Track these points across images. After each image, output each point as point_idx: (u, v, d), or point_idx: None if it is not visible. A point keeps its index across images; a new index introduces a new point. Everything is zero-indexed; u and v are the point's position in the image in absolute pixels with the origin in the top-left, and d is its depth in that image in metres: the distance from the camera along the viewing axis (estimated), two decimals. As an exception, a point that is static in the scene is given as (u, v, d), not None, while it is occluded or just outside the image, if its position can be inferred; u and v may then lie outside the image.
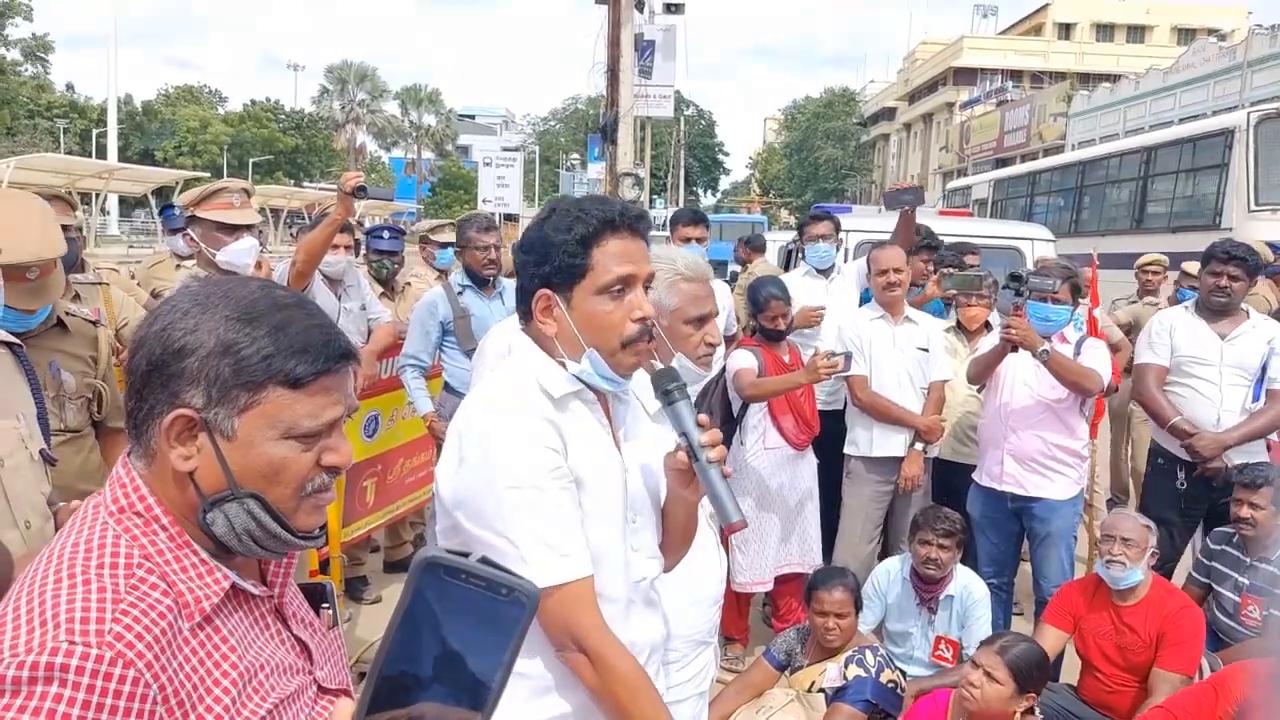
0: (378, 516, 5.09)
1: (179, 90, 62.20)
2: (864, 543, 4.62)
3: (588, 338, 1.67)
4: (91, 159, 36.27)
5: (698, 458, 1.60)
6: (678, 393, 1.65)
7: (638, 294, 1.68)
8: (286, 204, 35.03)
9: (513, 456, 1.61)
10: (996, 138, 42.02)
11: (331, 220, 3.91)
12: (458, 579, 0.80)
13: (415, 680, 0.80)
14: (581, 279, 1.66)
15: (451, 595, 0.80)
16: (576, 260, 1.65)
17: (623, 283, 1.66)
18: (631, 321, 1.67)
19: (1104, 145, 20.67)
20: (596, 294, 1.66)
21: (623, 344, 1.67)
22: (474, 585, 0.80)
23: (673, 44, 15.79)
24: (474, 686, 0.80)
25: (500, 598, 0.80)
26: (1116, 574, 3.55)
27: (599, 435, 1.74)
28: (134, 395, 1.11)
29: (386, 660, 0.80)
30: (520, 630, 0.81)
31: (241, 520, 1.10)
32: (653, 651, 1.82)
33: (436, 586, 0.80)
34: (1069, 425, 4.13)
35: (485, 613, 0.80)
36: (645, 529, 1.81)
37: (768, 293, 4.40)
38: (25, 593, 1.02)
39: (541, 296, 1.69)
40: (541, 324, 1.70)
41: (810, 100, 73.84)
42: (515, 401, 1.67)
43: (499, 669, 0.81)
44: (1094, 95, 33.26)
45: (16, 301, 2.31)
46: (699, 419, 1.63)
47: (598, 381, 1.71)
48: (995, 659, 3.10)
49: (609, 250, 1.66)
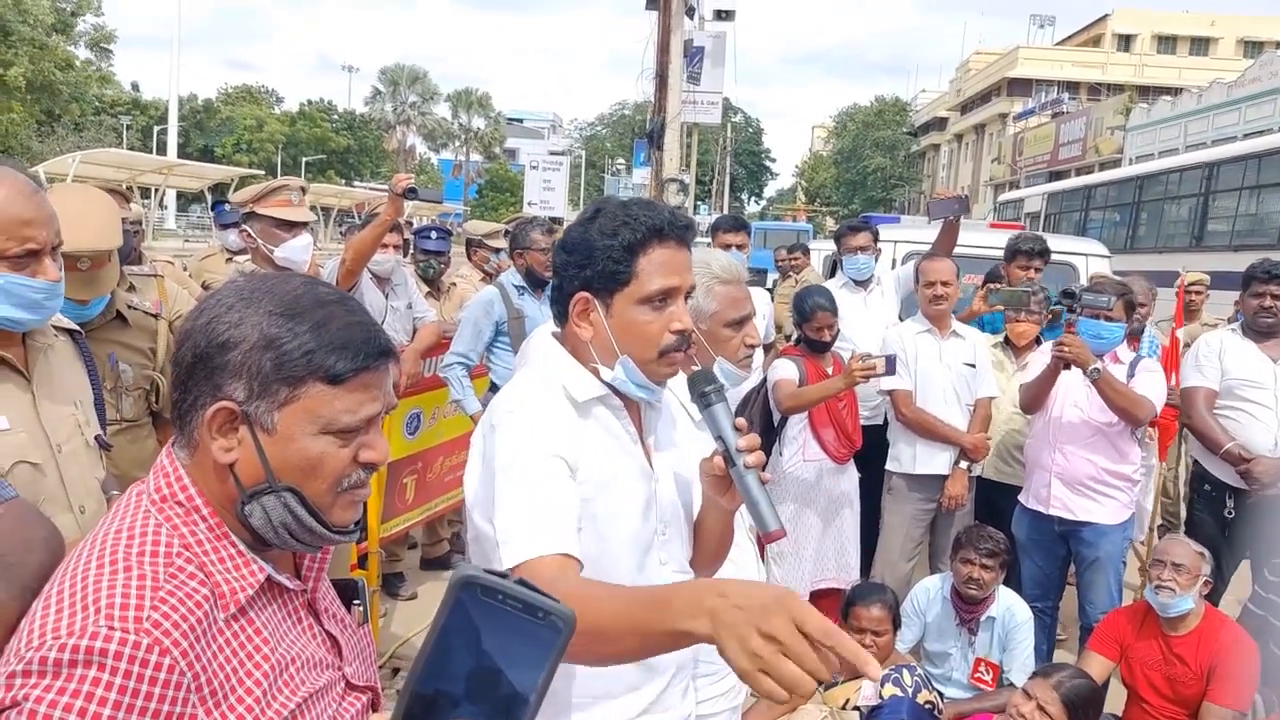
0: (416, 513, 5.12)
1: (238, 90, 63.48)
2: (903, 560, 4.55)
3: (624, 346, 1.64)
4: (152, 155, 37.06)
5: (734, 463, 1.55)
6: (715, 395, 1.60)
7: (679, 305, 1.64)
8: (337, 203, 35.49)
9: (510, 444, 1.59)
10: (1051, 150, 41.40)
11: (381, 220, 3.95)
12: (494, 599, 0.79)
13: (449, 698, 0.80)
14: (624, 287, 1.62)
15: (488, 615, 0.79)
16: (621, 267, 1.62)
17: (666, 295, 1.63)
18: (670, 332, 1.63)
19: (1163, 160, 20.24)
20: (638, 303, 1.62)
21: (659, 354, 1.64)
22: (510, 606, 0.79)
23: (722, 50, 15.77)
24: (509, 708, 0.79)
25: (536, 620, 0.80)
26: (1166, 600, 3.45)
27: (624, 443, 1.70)
28: (179, 386, 1.13)
29: (421, 677, 0.80)
30: (556, 654, 0.80)
31: (278, 513, 1.11)
32: (679, 670, 1.77)
33: (473, 605, 0.80)
34: (1120, 449, 4.03)
35: (521, 634, 0.79)
36: (675, 540, 1.77)
37: (814, 303, 4.33)
38: (69, 577, 1.04)
39: (580, 299, 1.66)
40: (577, 327, 1.68)
41: (860, 108, 73.41)
42: (529, 400, 1.64)
43: (534, 692, 0.80)
44: (1154, 108, 32.62)
45: (69, 291, 2.34)
46: (737, 423, 1.59)
47: (630, 389, 1.67)
48: (1051, 693, 3.02)
49: (654, 259, 1.62)
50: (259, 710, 1.06)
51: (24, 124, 29.49)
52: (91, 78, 34.05)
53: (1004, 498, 4.52)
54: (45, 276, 1.84)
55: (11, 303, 1.82)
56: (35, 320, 1.90)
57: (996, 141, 52.05)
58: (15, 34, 27.15)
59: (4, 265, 1.80)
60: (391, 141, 65.58)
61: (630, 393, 1.68)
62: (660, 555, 1.73)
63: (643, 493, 1.70)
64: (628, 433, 1.71)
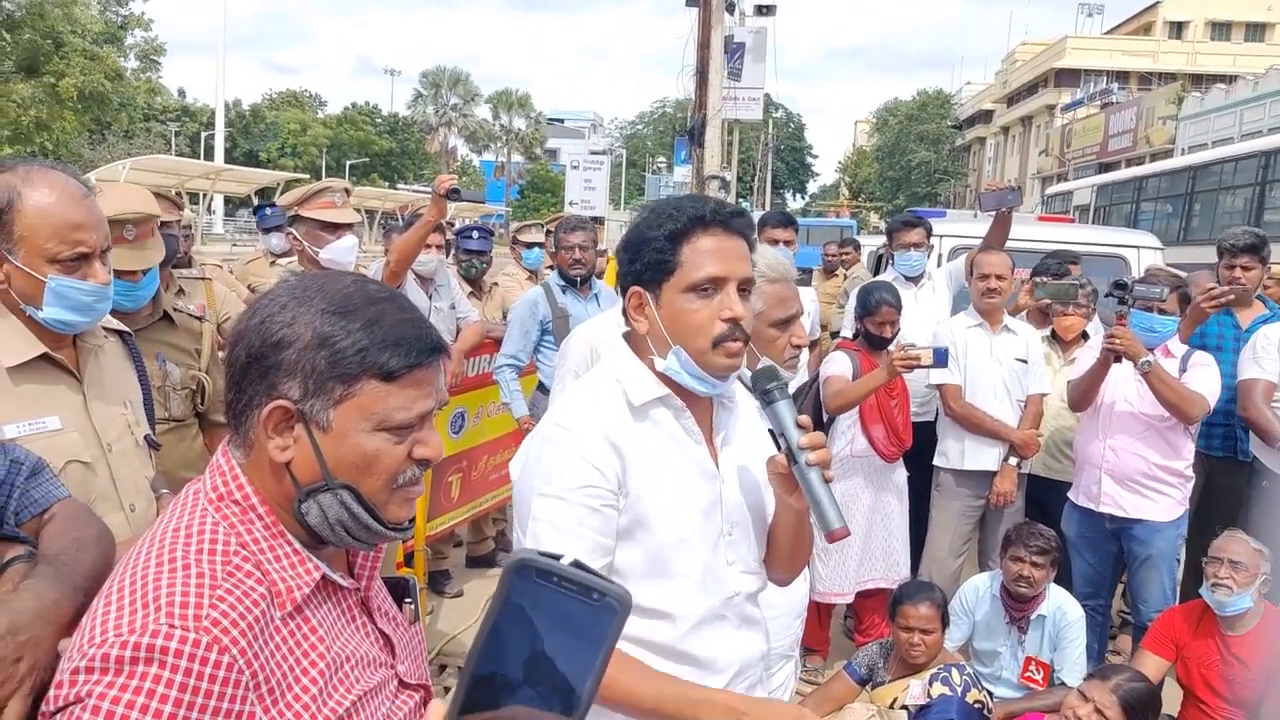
0: (462, 512, 5.16)
1: (282, 95, 64.41)
2: (951, 558, 4.49)
3: (675, 336, 1.64)
4: (200, 160, 37.76)
5: (796, 460, 1.55)
6: (777, 392, 1.60)
7: (729, 294, 1.63)
8: (380, 205, 35.91)
9: (551, 465, 1.63)
10: (1100, 141, 40.65)
11: (425, 221, 3.97)
12: (550, 581, 0.80)
13: (506, 682, 0.80)
14: (670, 276, 1.64)
15: (543, 597, 0.80)
16: (665, 257, 1.63)
17: (712, 283, 1.62)
18: (720, 321, 1.62)
19: (1217, 149, 19.79)
20: (684, 292, 1.63)
21: (713, 344, 1.62)
22: (566, 588, 0.79)
23: (763, 46, 15.67)
24: (566, 690, 0.80)
25: (592, 602, 0.80)
26: (1222, 599, 3.38)
27: (684, 445, 1.69)
28: (233, 387, 1.14)
29: (479, 661, 0.80)
30: (612, 635, 0.80)
31: (335, 511, 1.12)
32: (744, 668, 1.76)
33: (528, 588, 0.80)
34: (1172, 443, 3.94)
35: (577, 616, 0.80)
36: (742, 541, 1.76)
37: (879, 297, 4.28)
38: (128, 575, 1.06)
39: (633, 294, 1.69)
40: (635, 322, 1.70)
41: (903, 102, 72.64)
42: (580, 415, 1.66)
43: (591, 674, 0.80)
44: (1207, 97, 31.92)
45: (120, 263, 2.38)
46: (800, 420, 1.58)
47: (687, 381, 1.66)
48: (1109, 696, 2.97)
49: (699, 247, 1.63)
50: (315, 708, 1.07)
51: (76, 132, 30.17)
52: (140, 88, 34.78)
53: (1053, 494, 4.45)
54: (95, 279, 1.88)
55: (63, 305, 1.85)
56: (86, 322, 1.93)
57: (1044, 134, 51.22)
58: (67, 44, 27.78)
59: (55, 268, 1.83)
60: (434, 144, 66.13)
61: (687, 384, 1.67)
62: (727, 555, 1.72)
63: (705, 494, 1.69)
64: (689, 434, 1.70)
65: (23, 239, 1.80)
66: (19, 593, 1.23)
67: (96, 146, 38.26)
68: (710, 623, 1.70)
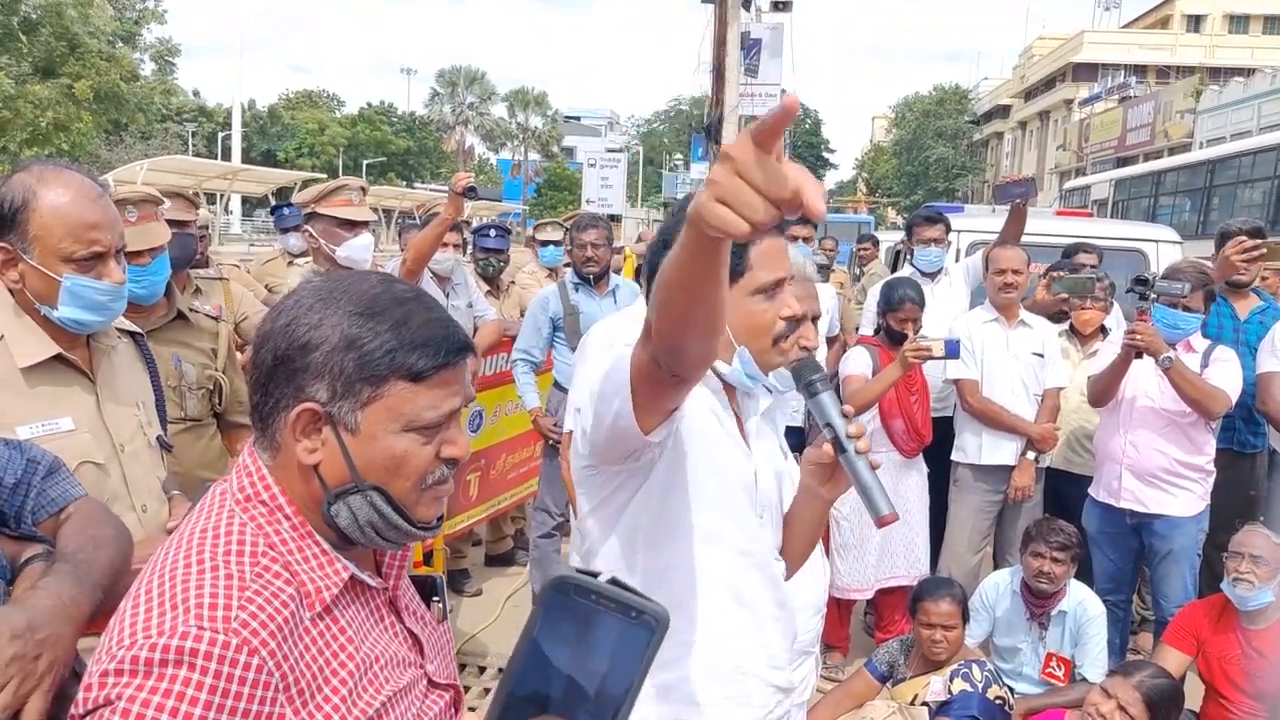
0: (480, 510, 5.18)
1: (299, 95, 64.63)
2: (970, 553, 4.48)
3: (741, 337, 1.67)
4: (217, 161, 37.94)
5: (845, 449, 1.55)
6: (820, 384, 1.61)
7: (787, 292, 1.67)
8: (398, 204, 35.97)
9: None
10: (1118, 136, 40.38)
11: (442, 220, 3.98)
12: (588, 598, 0.80)
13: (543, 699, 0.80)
14: (739, 279, 1.64)
15: (581, 615, 0.80)
16: (736, 260, 1.62)
17: (776, 285, 1.66)
18: (781, 319, 1.66)
19: (1236, 143, 19.61)
20: (753, 294, 1.65)
21: (773, 342, 1.67)
22: (604, 605, 0.80)
23: (780, 42, 15.61)
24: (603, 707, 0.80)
25: (630, 620, 0.79)
26: (1244, 593, 3.36)
27: (727, 425, 1.72)
28: (259, 389, 1.14)
29: (516, 679, 0.81)
30: (650, 652, 0.80)
31: (365, 512, 1.11)
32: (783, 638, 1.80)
33: (567, 606, 0.80)
34: (1193, 439, 3.91)
35: (614, 633, 0.80)
36: (769, 526, 1.79)
37: (903, 293, 4.28)
38: (156, 576, 1.06)
39: None
40: None
41: (920, 98, 72.25)
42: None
43: (627, 691, 0.80)
44: (1225, 90, 31.63)
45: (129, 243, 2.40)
46: (844, 409, 1.59)
47: (744, 381, 1.70)
48: (1132, 693, 2.96)
49: (765, 250, 1.65)
50: (345, 709, 1.07)
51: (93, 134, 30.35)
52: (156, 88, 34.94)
53: (1072, 488, 4.43)
54: (110, 279, 1.89)
55: (78, 304, 1.86)
56: (100, 322, 1.94)
57: (1062, 128, 50.91)
58: (83, 46, 27.95)
59: (70, 267, 1.84)
60: (450, 142, 66.21)
61: (743, 384, 1.70)
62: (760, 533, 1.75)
63: (744, 471, 1.73)
64: (730, 415, 1.73)
65: (38, 238, 1.82)
66: (37, 590, 1.24)
67: (114, 147, 38.48)
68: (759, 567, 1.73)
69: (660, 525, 1.67)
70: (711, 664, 1.69)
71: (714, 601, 1.70)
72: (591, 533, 1.73)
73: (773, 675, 1.76)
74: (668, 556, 1.67)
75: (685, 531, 1.67)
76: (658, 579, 1.64)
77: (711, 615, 1.69)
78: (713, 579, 1.69)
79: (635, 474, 1.65)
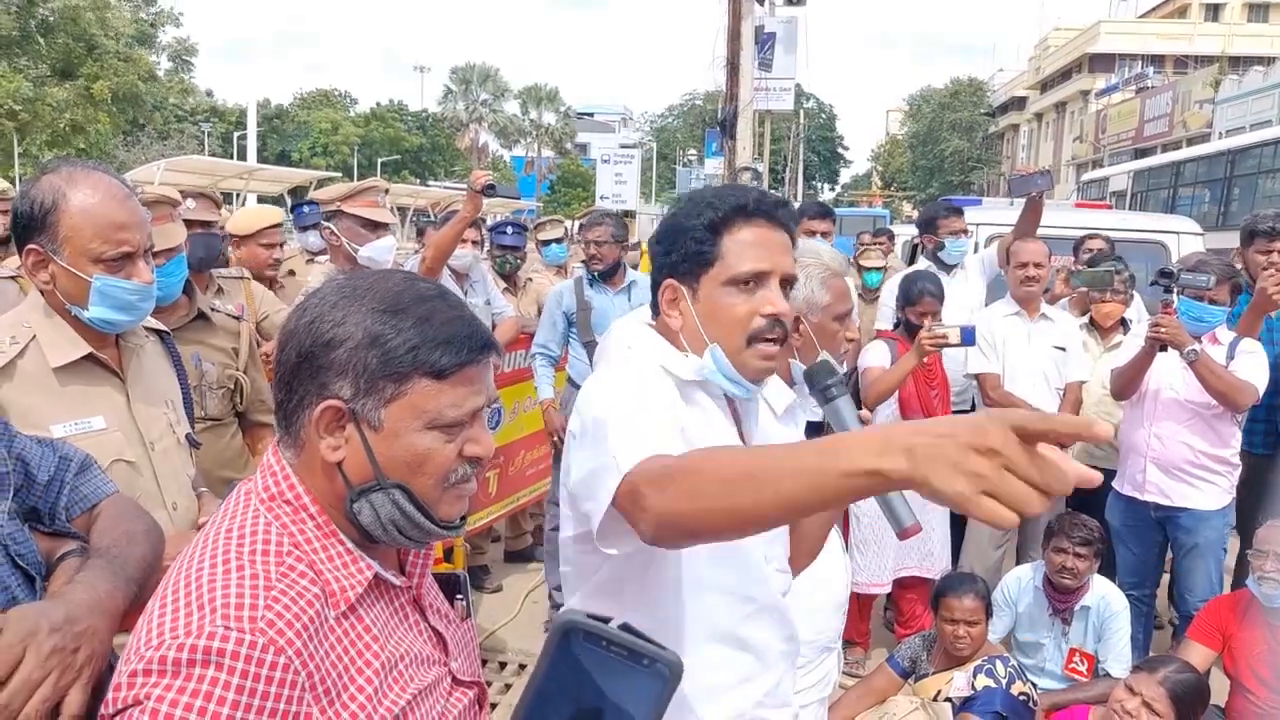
0: (499, 507, 5.19)
1: (312, 94, 64.87)
2: (991, 549, 4.46)
3: (711, 332, 1.56)
4: (233, 160, 38.11)
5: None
6: (836, 389, 1.54)
7: (771, 289, 1.55)
8: (413, 202, 36.04)
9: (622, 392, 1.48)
10: (1136, 127, 40.03)
11: (461, 218, 3.98)
12: (598, 645, 0.78)
13: None
14: (709, 268, 1.55)
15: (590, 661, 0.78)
16: (704, 247, 1.55)
17: (755, 277, 1.54)
18: (760, 316, 1.54)
19: (1256, 133, 19.43)
20: (724, 285, 1.54)
21: (747, 340, 1.54)
22: (614, 653, 0.78)
23: (794, 36, 15.58)
24: None
25: (641, 667, 0.78)
26: (1270, 591, 3.33)
27: (724, 433, 1.62)
28: (283, 387, 1.14)
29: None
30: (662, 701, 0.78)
31: (387, 510, 1.11)
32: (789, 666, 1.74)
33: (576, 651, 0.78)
34: (1219, 431, 3.88)
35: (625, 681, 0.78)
36: (778, 540, 1.73)
37: (922, 287, 4.26)
38: (182, 576, 1.06)
39: (668, 287, 1.60)
40: (667, 316, 1.60)
41: (935, 90, 71.91)
42: (636, 372, 1.56)
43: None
44: (1244, 79, 31.33)
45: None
46: (861, 415, 1.54)
47: (721, 381, 1.58)
48: (1157, 689, 2.93)
49: (741, 238, 1.54)
50: (371, 708, 1.07)
51: (111, 134, 30.58)
52: (173, 88, 35.21)
53: (1094, 483, 4.39)
54: (139, 278, 1.90)
55: (108, 304, 1.88)
56: (129, 321, 1.96)
57: (1078, 120, 50.52)
58: (100, 47, 28.16)
59: (99, 268, 1.85)
60: (464, 140, 66.31)
61: (722, 386, 1.59)
62: (766, 551, 1.67)
63: None
64: (728, 421, 1.64)
65: (67, 239, 1.83)
66: (74, 585, 1.25)
67: (131, 148, 38.73)
68: (766, 611, 1.65)
69: (649, 575, 1.54)
70: (720, 715, 1.61)
71: (715, 654, 1.59)
72: (573, 558, 1.62)
73: (778, 715, 1.69)
74: (658, 609, 1.54)
75: (675, 582, 1.55)
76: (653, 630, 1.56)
77: (714, 670, 1.59)
78: (711, 630, 1.58)
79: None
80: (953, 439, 0.91)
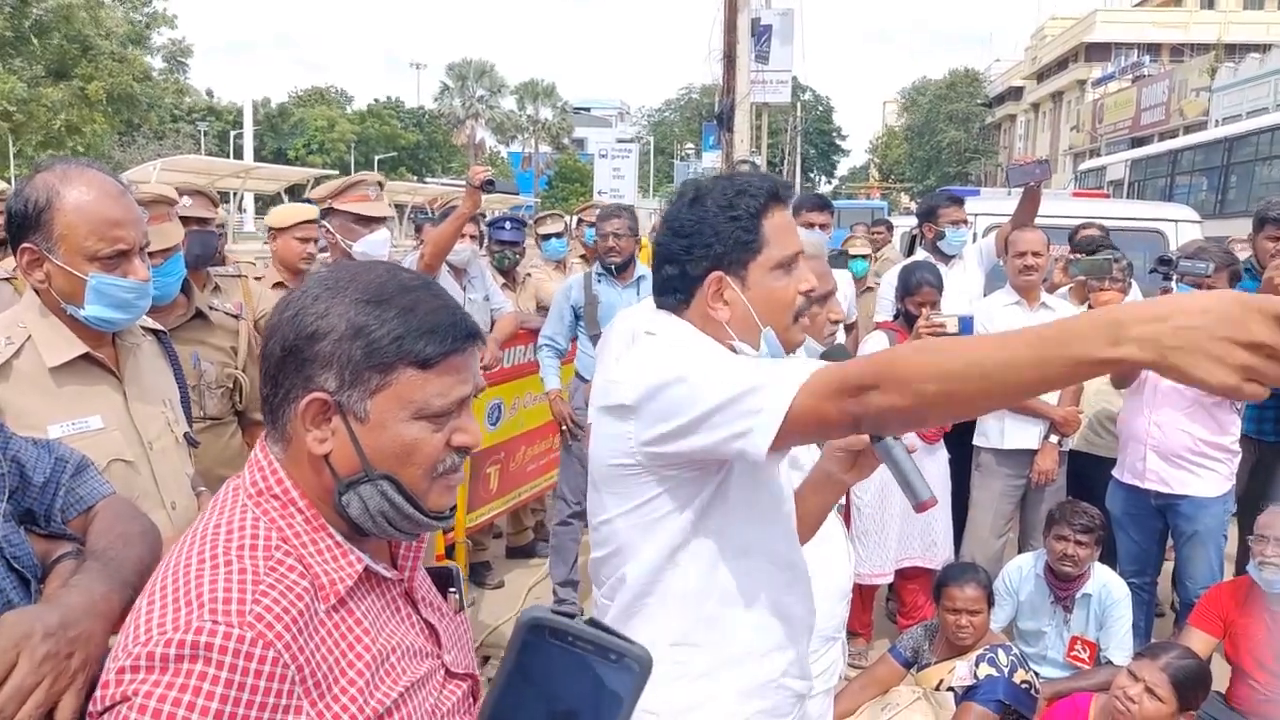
0: (501, 503, 5.19)
1: (308, 92, 64.74)
2: (993, 538, 4.46)
3: (765, 317, 1.61)
4: (229, 159, 38.06)
5: (881, 436, 1.51)
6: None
7: (802, 267, 1.63)
8: (410, 199, 35.99)
9: (698, 345, 1.56)
10: (1132, 116, 39.99)
11: (460, 214, 3.98)
12: (564, 641, 0.77)
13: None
14: (756, 255, 1.59)
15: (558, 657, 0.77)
16: (750, 236, 1.59)
17: (795, 257, 1.62)
18: (800, 294, 1.62)
19: (1252, 120, 19.41)
20: (773, 270, 1.60)
21: (794, 318, 1.63)
22: (581, 648, 0.77)
23: (790, 28, 15.57)
24: None
25: (609, 662, 0.77)
26: (1270, 577, 3.33)
27: None
28: (269, 381, 1.13)
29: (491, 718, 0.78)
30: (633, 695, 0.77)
31: (376, 501, 1.11)
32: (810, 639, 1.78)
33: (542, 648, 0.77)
34: (1218, 419, 3.89)
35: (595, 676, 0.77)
36: (793, 520, 1.75)
37: (921, 277, 4.27)
38: (170, 573, 1.06)
39: (714, 280, 1.60)
40: (712, 310, 1.61)
41: (931, 82, 71.77)
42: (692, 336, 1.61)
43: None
44: (1241, 67, 31.29)
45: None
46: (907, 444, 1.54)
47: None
48: (1159, 675, 2.94)
49: (777, 223, 1.61)
50: (362, 701, 1.06)
51: (106, 135, 30.53)
52: (168, 89, 35.17)
53: (1095, 470, 4.40)
54: (135, 276, 1.89)
55: (104, 303, 1.87)
56: (126, 320, 1.95)
57: (1075, 109, 50.45)
58: (94, 48, 28.11)
59: (95, 266, 1.84)
60: (461, 136, 66.19)
61: None
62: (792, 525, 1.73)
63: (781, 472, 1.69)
64: None
65: (62, 237, 1.82)
66: (69, 588, 1.24)
67: (127, 148, 38.67)
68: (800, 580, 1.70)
69: (704, 538, 1.58)
70: (749, 680, 1.63)
71: (755, 618, 1.62)
72: (620, 535, 1.62)
73: (798, 685, 1.71)
74: (711, 571, 1.59)
75: (729, 545, 1.59)
76: (698, 594, 1.58)
77: (752, 632, 1.62)
78: (754, 594, 1.62)
79: (687, 483, 1.54)
80: (1205, 331, 0.96)
